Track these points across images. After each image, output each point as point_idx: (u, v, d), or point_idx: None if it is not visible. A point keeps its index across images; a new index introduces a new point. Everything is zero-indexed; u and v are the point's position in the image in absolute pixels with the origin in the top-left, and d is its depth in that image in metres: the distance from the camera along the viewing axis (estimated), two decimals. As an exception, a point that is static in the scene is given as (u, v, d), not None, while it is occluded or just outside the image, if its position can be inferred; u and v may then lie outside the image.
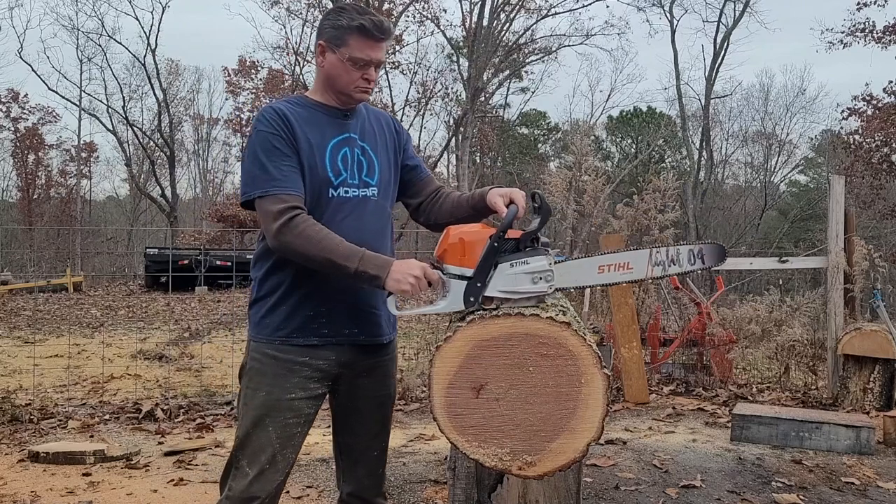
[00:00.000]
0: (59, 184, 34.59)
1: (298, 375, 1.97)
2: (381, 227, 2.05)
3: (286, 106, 1.97)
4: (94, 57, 29.59)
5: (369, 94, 2.01)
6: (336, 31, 1.94)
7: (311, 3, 27.22)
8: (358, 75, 1.96)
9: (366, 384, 2.09)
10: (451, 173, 32.46)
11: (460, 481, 2.08)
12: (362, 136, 2.04)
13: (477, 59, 25.09)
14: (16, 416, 4.92)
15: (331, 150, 1.97)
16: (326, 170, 1.95)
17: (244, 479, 1.95)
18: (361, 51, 1.94)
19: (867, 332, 5.42)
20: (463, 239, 1.77)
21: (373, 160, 2.04)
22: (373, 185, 2.02)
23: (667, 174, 8.62)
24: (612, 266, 1.85)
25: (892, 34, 19.87)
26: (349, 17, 1.93)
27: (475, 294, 1.74)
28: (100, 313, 13.13)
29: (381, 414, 2.15)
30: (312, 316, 1.96)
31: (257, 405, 1.97)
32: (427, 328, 7.43)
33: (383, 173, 2.06)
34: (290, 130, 1.92)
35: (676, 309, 7.81)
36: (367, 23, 1.92)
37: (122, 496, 3.55)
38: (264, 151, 1.89)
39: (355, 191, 1.99)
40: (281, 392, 1.96)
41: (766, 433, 4.54)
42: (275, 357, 1.97)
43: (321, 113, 2.00)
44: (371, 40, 1.94)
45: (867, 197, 20.81)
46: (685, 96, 29.53)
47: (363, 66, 1.95)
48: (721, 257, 1.97)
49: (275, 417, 1.95)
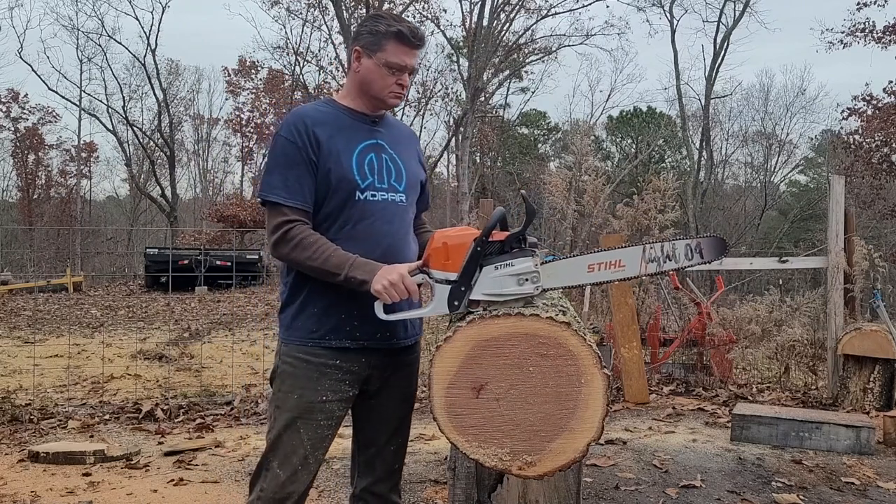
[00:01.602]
0: (59, 184, 34.59)
1: (330, 378, 2.00)
2: (407, 232, 2.11)
3: (313, 111, 2.02)
4: (94, 57, 29.73)
5: (402, 99, 2.08)
6: (373, 36, 2.00)
7: (311, 3, 27.23)
8: (392, 80, 2.02)
9: (393, 383, 2.13)
10: (451, 173, 32.49)
11: (460, 481, 2.08)
12: (391, 144, 2.09)
13: (477, 59, 25.08)
14: (16, 416, 4.92)
15: (357, 155, 2.01)
16: (353, 173, 1.98)
17: (275, 480, 1.98)
18: (398, 56, 2.00)
19: (867, 332, 5.42)
20: (446, 243, 1.78)
21: (401, 167, 2.09)
22: (401, 191, 2.07)
23: (667, 174, 8.62)
24: (603, 264, 1.81)
25: (892, 34, 19.86)
26: (387, 23, 2.00)
27: (459, 298, 1.75)
28: (100, 313, 13.13)
29: (403, 411, 2.18)
30: (344, 319, 1.99)
31: (290, 408, 1.99)
32: (427, 328, 7.43)
33: (411, 180, 2.11)
34: (311, 138, 1.96)
35: (676, 309, 7.82)
36: (405, 30, 2.00)
37: (122, 496, 3.55)
38: (281, 158, 1.96)
39: (384, 194, 2.03)
40: (313, 395, 1.98)
41: (766, 433, 4.54)
42: (307, 360, 1.99)
43: (349, 118, 2.05)
44: (407, 46, 2.01)
45: (867, 197, 20.79)
46: (685, 96, 29.57)
47: (398, 71, 2.01)
48: (722, 250, 1.89)
49: (307, 420, 1.98)
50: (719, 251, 1.89)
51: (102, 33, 28.69)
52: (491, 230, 1.75)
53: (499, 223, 1.79)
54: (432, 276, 1.79)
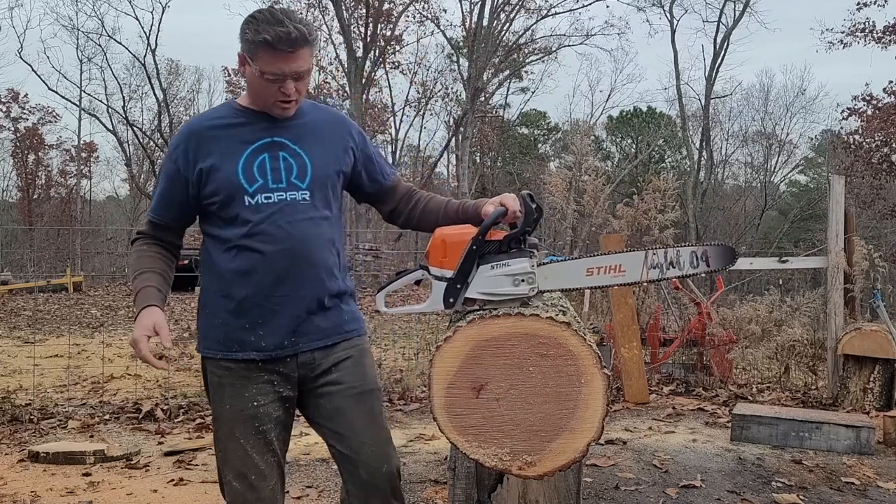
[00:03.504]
0: (59, 184, 34.57)
1: (256, 382, 1.93)
2: (318, 233, 1.95)
3: (201, 120, 2.00)
4: (94, 57, 29.53)
5: (291, 108, 1.93)
6: (247, 44, 1.85)
7: (311, 3, 27.24)
8: (274, 89, 1.86)
9: (334, 378, 1.97)
10: (451, 173, 32.48)
11: (460, 481, 2.08)
12: (296, 139, 1.96)
13: (477, 59, 25.09)
14: (16, 416, 4.92)
15: (246, 158, 1.91)
16: (238, 177, 1.89)
17: (234, 492, 1.95)
18: (272, 65, 1.83)
19: (867, 332, 5.42)
20: (444, 240, 1.77)
21: (305, 162, 1.95)
22: (303, 188, 1.93)
23: (667, 174, 8.63)
24: (602, 269, 1.78)
25: (892, 34, 19.88)
26: (255, 29, 1.81)
27: (454, 295, 1.74)
28: (100, 313, 13.13)
29: (363, 408, 1.99)
30: (248, 328, 1.91)
31: (225, 419, 1.95)
32: (427, 328, 7.43)
33: (318, 176, 1.96)
34: (186, 152, 1.93)
35: (676, 309, 7.82)
36: (272, 37, 1.79)
37: (122, 496, 3.55)
38: (161, 173, 2.02)
39: (280, 194, 1.91)
40: (243, 402, 1.93)
41: (766, 433, 4.54)
42: (228, 368, 1.94)
43: (245, 119, 1.95)
44: (280, 53, 1.81)
45: (867, 197, 20.81)
46: (685, 96, 29.56)
47: (276, 80, 1.85)
48: (730, 259, 1.80)
49: (244, 428, 1.93)
50: (728, 260, 1.80)
51: (102, 33, 28.59)
52: (488, 229, 1.74)
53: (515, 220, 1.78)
54: (430, 272, 1.79)
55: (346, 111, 25.24)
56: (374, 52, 27.00)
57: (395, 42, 28.81)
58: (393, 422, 5.14)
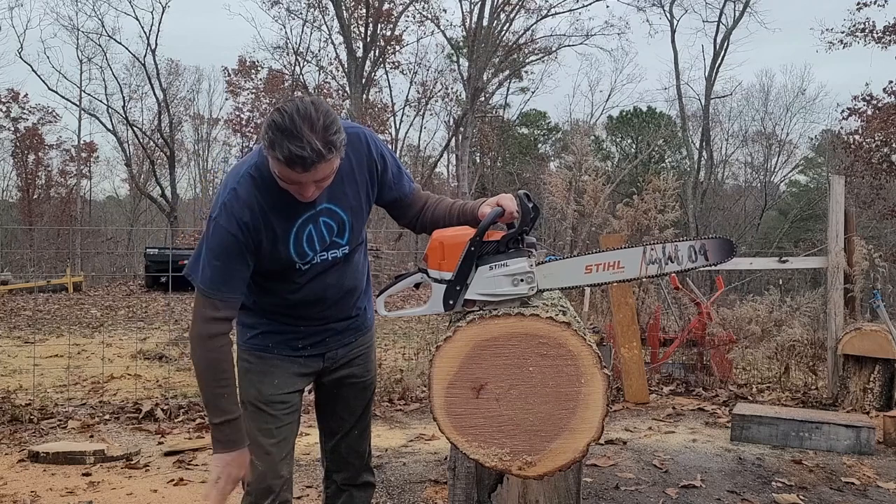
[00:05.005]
0: (59, 184, 34.55)
1: (284, 371, 2.16)
2: (354, 268, 2.16)
3: (249, 196, 1.88)
4: (94, 57, 29.49)
5: (313, 197, 1.88)
6: (266, 140, 1.72)
7: (311, 3, 27.24)
8: (293, 188, 1.82)
9: (348, 373, 2.27)
10: (451, 173, 32.49)
11: (460, 481, 2.08)
12: (331, 197, 1.96)
13: (477, 59, 25.10)
14: (16, 416, 4.92)
15: (295, 234, 1.96)
16: (291, 255, 1.98)
17: (257, 472, 2.09)
18: (287, 176, 1.77)
19: (867, 332, 5.42)
20: (443, 243, 1.77)
21: (343, 218, 2.01)
22: (343, 244, 2.06)
23: (667, 174, 8.63)
24: (601, 265, 1.78)
25: (892, 34, 19.87)
26: (271, 139, 1.70)
27: (454, 297, 1.74)
28: (100, 313, 13.13)
29: (363, 398, 2.33)
30: (290, 338, 2.16)
31: (250, 401, 2.13)
32: (427, 328, 7.43)
33: (355, 226, 2.06)
34: (249, 230, 1.88)
35: (676, 309, 7.82)
36: (284, 157, 1.69)
37: (122, 496, 3.55)
38: (217, 247, 1.89)
39: (324, 254, 2.04)
40: (269, 388, 2.14)
41: (766, 433, 4.54)
42: (260, 357, 2.16)
43: (287, 192, 1.87)
44: (295, 171, 1.73)
45: (867, 197, 20.79)
46: (685, 96, 29.55)
47: (293, 185, 1.81)
48: (729, 253, 1.79)
49: (268, 411, 2.13)
50: (726, 254, 1.78)
51: (102, 33, 28.56)
52: (485, 230, 1.74)
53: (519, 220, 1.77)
54: (429, 275, 1.79)
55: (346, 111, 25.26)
56: (374, 52, 27.03)
57: (395, 42, 28.83)
58: (393, 422, 5.14)
